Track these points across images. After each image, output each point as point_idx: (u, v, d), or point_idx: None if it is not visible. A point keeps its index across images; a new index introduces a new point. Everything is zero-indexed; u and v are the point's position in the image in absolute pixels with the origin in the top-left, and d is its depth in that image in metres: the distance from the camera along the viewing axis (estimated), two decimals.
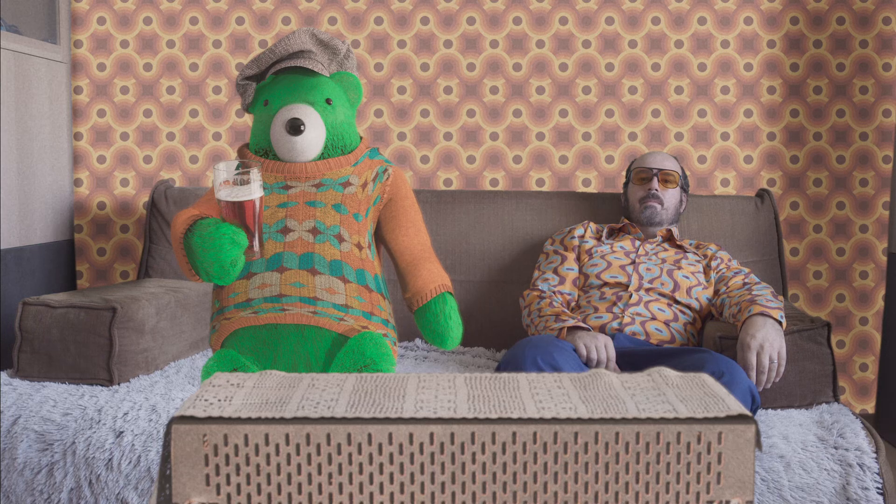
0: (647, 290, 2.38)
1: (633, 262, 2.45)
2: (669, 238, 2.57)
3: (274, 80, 1.99)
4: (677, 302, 2.37)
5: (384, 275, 2.01)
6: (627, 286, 2.39)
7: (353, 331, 1.85)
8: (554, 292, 2.46)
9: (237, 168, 1.72)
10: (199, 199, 1.96)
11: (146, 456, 1.97)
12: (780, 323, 2.13)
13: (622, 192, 2.71)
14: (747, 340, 2.08)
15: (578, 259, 2.53)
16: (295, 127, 1.89)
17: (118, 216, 3.15)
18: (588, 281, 2.46)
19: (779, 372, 2.08)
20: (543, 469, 1.16)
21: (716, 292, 2.41)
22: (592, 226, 2.63)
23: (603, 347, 2.18)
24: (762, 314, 2.14)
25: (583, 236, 2.58)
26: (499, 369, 2.13)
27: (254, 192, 1.72)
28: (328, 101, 1.96)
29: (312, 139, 1.92)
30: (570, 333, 2.24)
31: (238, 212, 1.73)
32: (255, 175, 1.72)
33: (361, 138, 2.05)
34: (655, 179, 2.57)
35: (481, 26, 3.08)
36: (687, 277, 2.41)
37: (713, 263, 2.47)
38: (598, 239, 2.58)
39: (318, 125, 1.93)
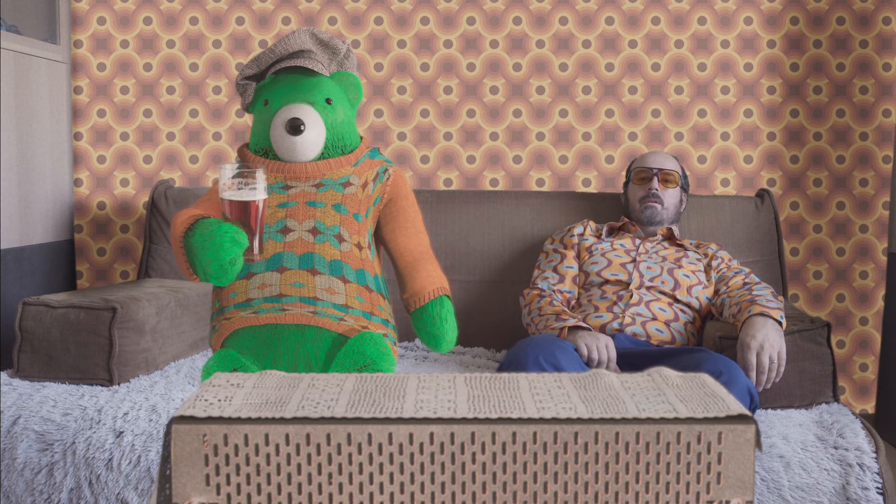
0: (648, 288, 2.38)
1: (634, 261, 2.44)
2: (670, 237, 2.57)
3: (274, 80, 1.99)
4: (678, 301, 2.37)
5: (384, 275, 2.01)
6: (628, 284, 2.39)
7: (353, 331, 1.85)
8: (554, 290, 2.46)
9: (244, 169, 1.74)
10: (199, 199, 1.96)
11: (146, 456, 1.97)
12: (780, 323, 2.13)
13: (622, 191, 2.71)
14: (747, 340, 2.08)
15: (578, 257, 2.53)
16: (295, 127, 1.89)
17: (118, 216, 3.15)
18: (588, 279, 2.45)
19: (779, 372, 2.08)
20: (543, 469, 1.16)
21: (716, 292, 2.40)
22: (592, 224, 2.63)
23: (604, 348, 2.18)
24: (762, 314, 2.13)
25: (582, 234, 2.58)
26: (501, 369, 2.13)
27: (258, 193, 1.74)
28: (328, 101, 1.96)
29: (312, 139, 1.92)
30: (571, 333, 2.24)
31: (241, 211, 1.74)
32: (261, 176, 1.74)
33: (362, 138, 2.05)
34: (655, 179, 2.57)
35: (481, 26, 3.08)
36: (688, 276, 2.40)
37: (713, 263, 2.47)
38: (598, 237, 2.59)
39: (319, 125, 1.93)
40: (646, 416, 1.16)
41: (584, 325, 2.26)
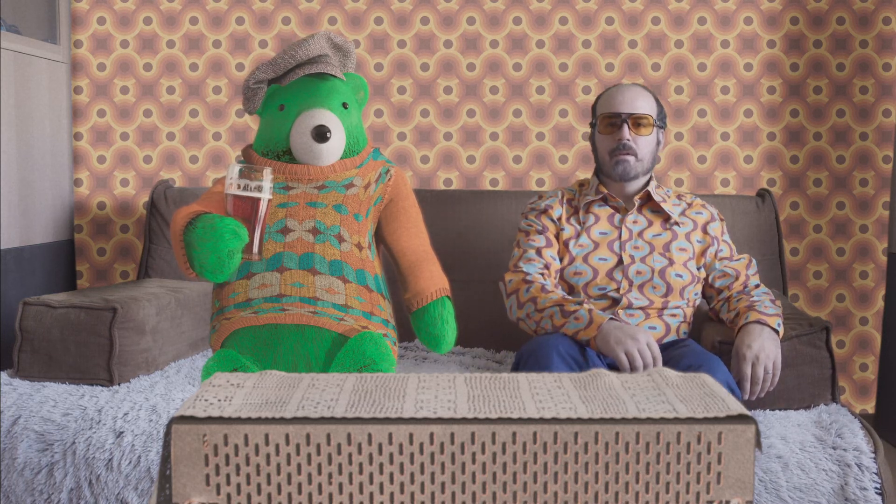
0: (639, 308, 2.21)
1: (620, 261, 2.24)
2: (648, 199, 2.32)
3: (287, 84, 1.99)
4: (668, 307, 2.24)
5: (384, 275, 2.01)
6: (617, 301, 2.20)
7: (353, 331, 1.85)
8: (543, 274, 2.23)
9: (252, 169, 1.76)
10: (200, 198, 1.96)
11: (146, 456, 1.97)
12: (776, 332, 2.10)
13: (590, 135, 2.38)
14: (743, 350, 2.05)
15: (558, 249, 2.30)
16: (321, 134, 1.90)
17: (118, 216, 3.15)
18: (573, 292, 2.25)
19: (773, 382, 2.06)
20: (543, 469, 1.16)
21: (714, 288, 2.32)
22: (566, 199, 2.33)
23: (646, 348, 2.00)
24: (759, 322, 2.11)
25: (560, 218, 2.30)
26: (519, 360, 2.06)
27: (264, 193, 1.76)
28: (344, 106, 1.98)
29: (338, 145, 1.94)
30: (602, 335, 2.04)
31: (245, 208, 1.76)
32: (268, 177, 1.76)
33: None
34: (626, 127, 2.23)
35: (481, 26, 3.08)
36: (680, 276, 2.24)
37: (709, 250, 2.30)
38: (576, 214, 2.30)
39: (341, 131, 1.95)
40: (646, 416, 1.16)
41: (606, 316, 2.06)
